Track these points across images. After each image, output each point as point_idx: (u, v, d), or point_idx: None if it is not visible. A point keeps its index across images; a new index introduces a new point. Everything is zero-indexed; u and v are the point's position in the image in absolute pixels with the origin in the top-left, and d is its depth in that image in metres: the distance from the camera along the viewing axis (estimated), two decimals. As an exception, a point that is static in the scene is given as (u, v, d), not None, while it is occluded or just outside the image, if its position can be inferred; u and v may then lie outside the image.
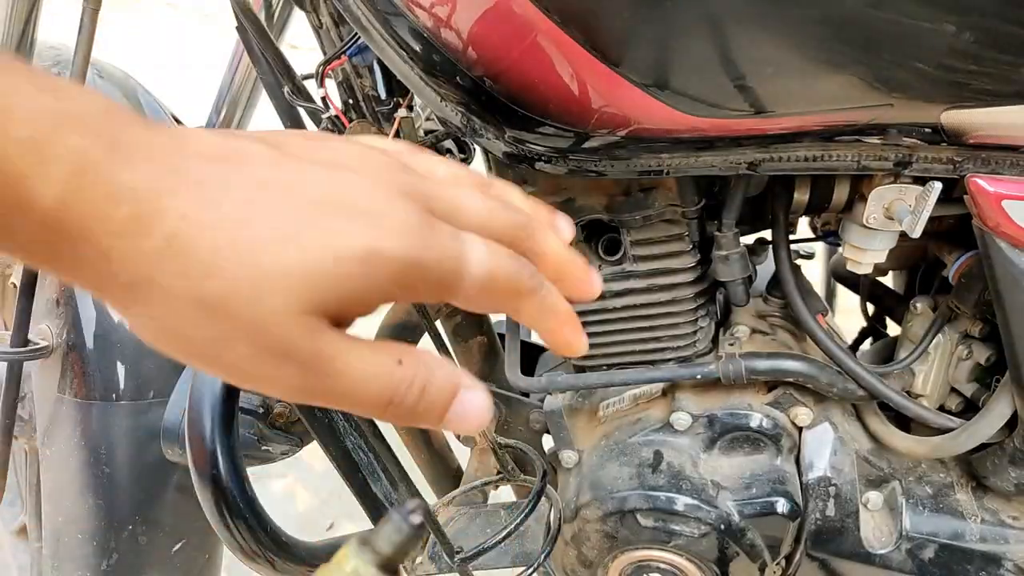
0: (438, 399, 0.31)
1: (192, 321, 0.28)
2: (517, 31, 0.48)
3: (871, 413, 0.71)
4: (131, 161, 0.26)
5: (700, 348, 0.71)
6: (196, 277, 0.27)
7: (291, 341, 0.28)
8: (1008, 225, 0.50)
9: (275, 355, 0.28)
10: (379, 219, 0.29)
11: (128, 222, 0.26)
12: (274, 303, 0.27)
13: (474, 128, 0.54)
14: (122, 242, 0.26)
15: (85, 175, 0.25)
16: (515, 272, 0.32)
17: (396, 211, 0.30)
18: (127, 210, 0.26)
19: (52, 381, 0.82)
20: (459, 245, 0.31)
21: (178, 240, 0.26)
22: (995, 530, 0.66)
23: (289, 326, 0.28)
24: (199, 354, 0.30)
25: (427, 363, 0.31)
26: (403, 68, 0.53)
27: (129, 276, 0.27)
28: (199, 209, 0.27)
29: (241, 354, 0.28)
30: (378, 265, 0.29)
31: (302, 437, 0.76)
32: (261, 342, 0.28)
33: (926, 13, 0.40)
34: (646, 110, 0.50)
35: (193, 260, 0.27)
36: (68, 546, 0.82)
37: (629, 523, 0.69)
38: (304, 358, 0.28)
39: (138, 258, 0.26)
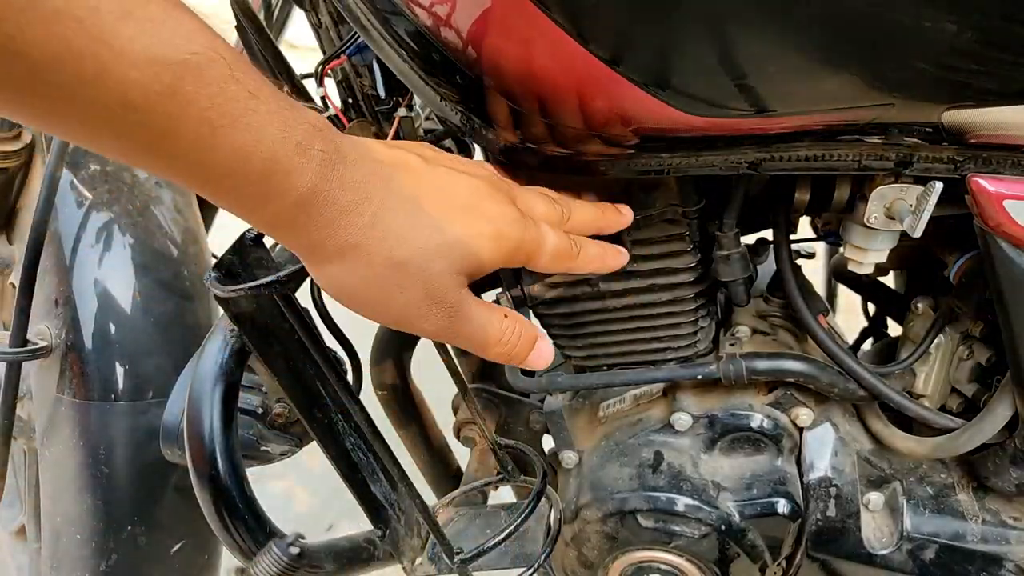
0: (526, 343, 0.48)
1: (382, 275, 0.40)
2: (516, 31, 0.48)
3: (872, 414, 0.71)
4: (350, 163, 0.39)
5: (701, 348, 0.71)
6: (391, 244, 0.40)
7: (446, 292, 0.42)
8: (1009, 225, 0.50)
9: (434, 301, 0.42)
10: (499, 214, 0.45)
11: (350, 204, 0.38)
12: (440, 265, 0.41)
13: (474, 128, 0.54)
14: (345, 218, 0.38)
15: (328, 171, 0.37)
16: (567, 247, 0.50)
17: (507, 209, 0.46)
18: (350, 196, 0.38)
19: (51, 381, 0.82)
20: (540, 232, 0.48)
21: (379, 218, 0.39)
22: (996, 531, 0.66)
23: (446, 281, 0.42)
24: (376, 301, 0.42)
25: (520, 319, 0.48)
26: (402, 67, 0.53)
27: (344, 240, 0.39)
28: (392, 199, 0.40)
29: (411, 300, 0.41)
30: (501, 243, 0.44)
31: (301, 437, 0.76)
32: (427, 291, 0.42)
33: (927, 13, 0.40)
34: (646, 110, 0.49)
35: (390, 232, 0.40)
36: (67, 546, 0.82)
37: (629, 524, 0.69)
38: (452, 304, 0.43)
39: (353, 228, 0.39)
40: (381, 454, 0.57)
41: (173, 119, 0.31)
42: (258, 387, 0.74)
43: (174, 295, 0.84)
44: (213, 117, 0.32)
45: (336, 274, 0.41)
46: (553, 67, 0.49)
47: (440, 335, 0.45)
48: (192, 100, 0.31)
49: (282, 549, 0.34)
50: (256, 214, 0.38)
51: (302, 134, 0.36)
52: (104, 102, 0.30)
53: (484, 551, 0.57)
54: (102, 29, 0.29)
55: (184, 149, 0.33)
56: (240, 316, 0.48)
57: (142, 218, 0.85)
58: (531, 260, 0.48)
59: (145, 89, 0.30)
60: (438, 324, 0.43)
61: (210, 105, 0.32)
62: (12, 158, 0.86)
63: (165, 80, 0.31)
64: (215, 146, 0.33)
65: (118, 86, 0.30)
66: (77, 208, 0.83)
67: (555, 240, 0.48)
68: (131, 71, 0.30)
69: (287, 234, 0.39)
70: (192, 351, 0.79)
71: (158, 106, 0.31)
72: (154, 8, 0.30)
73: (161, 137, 0.32)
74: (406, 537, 0.60)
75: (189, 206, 0.92)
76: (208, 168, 0.34)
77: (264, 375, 0.52)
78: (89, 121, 0.31)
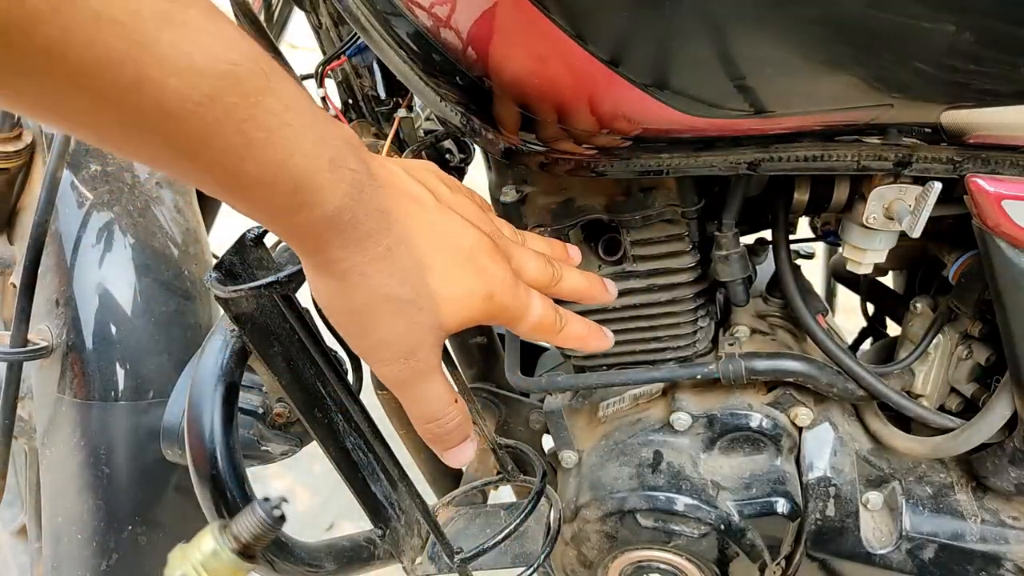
0: (456, 437, 0.47)
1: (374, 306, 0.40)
2: (516, 31, 0.48)
3: (871, 413, 0.71)
4: (378, 188, 0.39)
5: (700, 348, 0.71)
6: (395, 281, 0.40)
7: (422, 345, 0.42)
8: (1008, 225, 0.50)
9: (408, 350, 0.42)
10: (495, 276, 0.45)
11: (370, 231, 0.38)
12: (430, 317, 0.42)
13: (474, 128, 0.54)
14: (362, 243, 0.38)
15: (357, 192, 0.37)
16: (552, 322, 0.49)
17: (503, 272, 0.45)
18: (372, 223, 0.38)
19: (52, 381, 0.82)
20: (529, 300, 0.47)
21: (392, 253, 0.40)
22: (995, 530, 0.66)
23: (427, 335, 0.42)
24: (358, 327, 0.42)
25: (465, 412, 0.47)
26: (403, 68, 0.53)
27: (352, 265, 0.39)
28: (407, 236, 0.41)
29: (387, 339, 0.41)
30: (489, 304, 0.44)
31: (301, 437, 0.76)
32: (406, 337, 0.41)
33: (926, 13, 0.40)
34: (646, 110, 0.50)
35: (397, 269, 0.40)
36: (68, 546, 0.82)
37: (629, 523, 0.69)
38: (421, 360, 0.42)
39: (366, 255, 0.39)
40: (381, 454, 0.57)
41: (209, 129, 0.31)
42: (258, 387, 0.74)
43: (175, 295, 0.84)
44: (248, 129, 0.32)
45: (332, 291, 0.41)
46: (553, 68, 0.49)
47: (392, 384, 0.44)
48: (229, 111, 0.31)
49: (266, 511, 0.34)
50: (280, 224, 0.38)
51: (335, 150, 0.36)
52: (141, 108, 0.30)
53: (484, 551, 0.57)
54: (142, 34, 0.28)
55: (217, 159, 0.33)
56: (240, 316, 0.48)
57: (143, 218, 0.85)
58: (513, 324, 0.47)
59: (183, 97, 0.30)
60: (397, 373, 0.43)
61: (246, 117, 0.32)
62: (13, 158, 0.86)
63: (203, 89, 0.30)
64: (248, 157, 0.33)
65: (156, 93, 0.29)
66: (78, 208, 0.83)
67: (541, 312, 0.48)
68: (170, 78, 0.29)
69: (305, 246, 0.39)
70: (192, 351, 0.79)
71: (194, 115, 0.31)
72: (194, 14, 0.30)
73: (196, 146, 0.32)
74: (406, 536, 0.60)
75: (190, 206, 0.92)
76: (240, 178, 0.34)
77: (264, 375, 0.52)
78: (125, 127, 0.31)
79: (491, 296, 0.44)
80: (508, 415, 0.87)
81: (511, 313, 0.46)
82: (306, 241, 0.38)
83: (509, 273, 0.46)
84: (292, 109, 0.34)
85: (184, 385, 0.67)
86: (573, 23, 0.45)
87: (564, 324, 0.50)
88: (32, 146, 0.88)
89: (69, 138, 0.76)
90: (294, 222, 0.37)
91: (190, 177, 0.35)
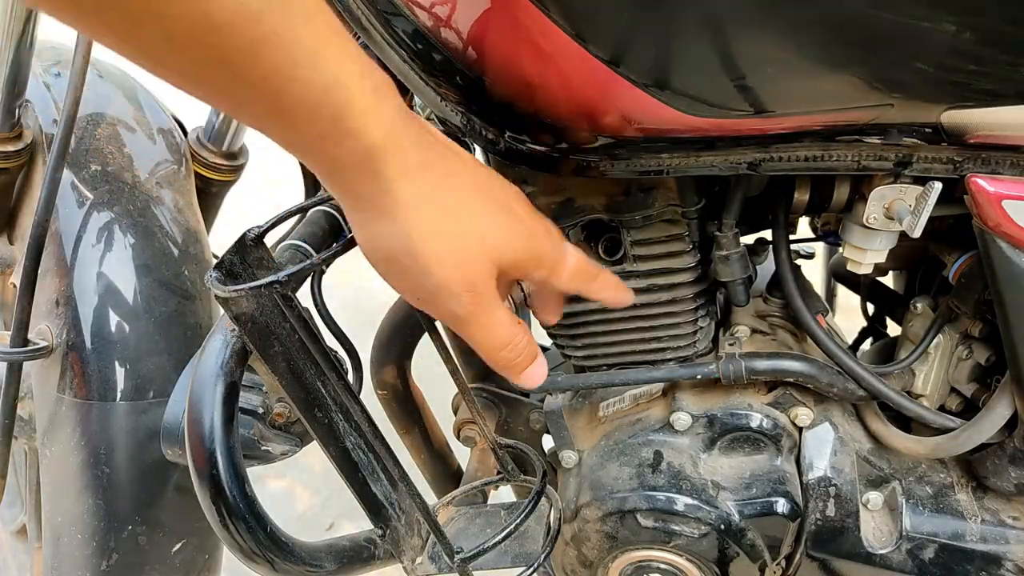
0: (527, 358, 0.48)
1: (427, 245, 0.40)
2: (516, 31, 0.48)
3: (871, 413, 0.71)
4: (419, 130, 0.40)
5: (700, 348, 0.71)
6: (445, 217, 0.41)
7: (479, 278, 0.43)
8: (1008, 225, 0.50)
9: (467, 285, 0.42)
10: (533, 222, 0.47)
11: (421, 163, 0.39)
12: (481, 250, 0.43)
13: (474, 128, 0.54)
14: (410, 175, 0.38)
15: (403, 122, 0.38)
16: (588, 267, 0.51)
17: (539, 219, 0.48)
18: (422, 155, 0.39)
19: (52, 381, 0.82)
20: (565, 248, 0.49)
21: (441, 187, 0.40)
22: (995, 530, 0.66)
23: (483, 268, 0.43)
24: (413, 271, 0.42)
25: (530, 334, 0.49)
26: (403, 68, 0.53)
27: (404, 199, 0.39)
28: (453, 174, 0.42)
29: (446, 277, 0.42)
30: (532, 244, 0.46)
31: (302, 437, 0.76)
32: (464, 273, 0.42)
33: (926, 13, 0.40)
34: (646, 110, 0.50)
35: (448, 205, 0.41)
36: (68, 546, 0.82)
37: (629, 523, 0.69)
38: (481, 293, 0.43)
39: (416, 189, 0.39)
40: (381, 454, 0.57)
41: (256, 44, 0.31)
42: (258, 387, 0.74)
43: (175, 295, 0.84)
44: (295, 49, 0.32)
45: (382, 234, 0.41)
46: (553, 68, 0.49)
47: (458, 323, 0.45)
48: (277, 28, 0.31)
49: None
50: (323, 154, 0.37)
51: (378, 80, 0.36)
52: (189, 19, 0.30)
53: (484, 550, 0.57)
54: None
55: (262, 77, 0.32)
56: (240, 316, 0.48)
57: (143, 218, 0.85)
58: (554, 273, 0.49)
59: (232, 11, 0.30)
60: (461, 310, 0.43)
61: (294, 37, 0.32)
62: (13, 158, 0.86)
63: (252, 5, 0.30)
64: (295, 77, 0.33)
65: (205, 4, 0.29)
66: (78, 208, 0.83)
67: (577, 258, 0.50)
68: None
69: (349, 179, 0.39)
70: (193, 351, 0.79)
71: (244, 30, 0.31)
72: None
73: (241, 63, 0.32)
74: (406, 536, 0.60)
75: (189, 206, 0.92)
76: (284, 99, 0.33)
77: (264, 375, 0.52)
78: (171, 39, 0.31)
79: (533, 236, 0.46)
80: (508, 415, 0.87)
81: (552, 259, 0.48)
82: (351, 175, 0.38)
83: (545, 223, 0.48)
84: (339, 35, 0.34)
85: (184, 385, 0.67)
86: (573, 23, 0.45)
87: (599, 271, 0.52)
88: (32, 146, 0.88)
89: (69, 138, 0.76)
90: (341, 152, 0.37)
91: (235, 98, 0.35)
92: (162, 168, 0.90)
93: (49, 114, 0.89)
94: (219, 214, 1.11)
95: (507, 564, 0.62)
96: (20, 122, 0.85)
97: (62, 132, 0.75)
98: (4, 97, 0.81)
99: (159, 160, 0.91)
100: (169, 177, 0.90)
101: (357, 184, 0.39)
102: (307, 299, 0.53)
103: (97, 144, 0.87)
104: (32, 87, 0.85)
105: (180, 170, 0.92)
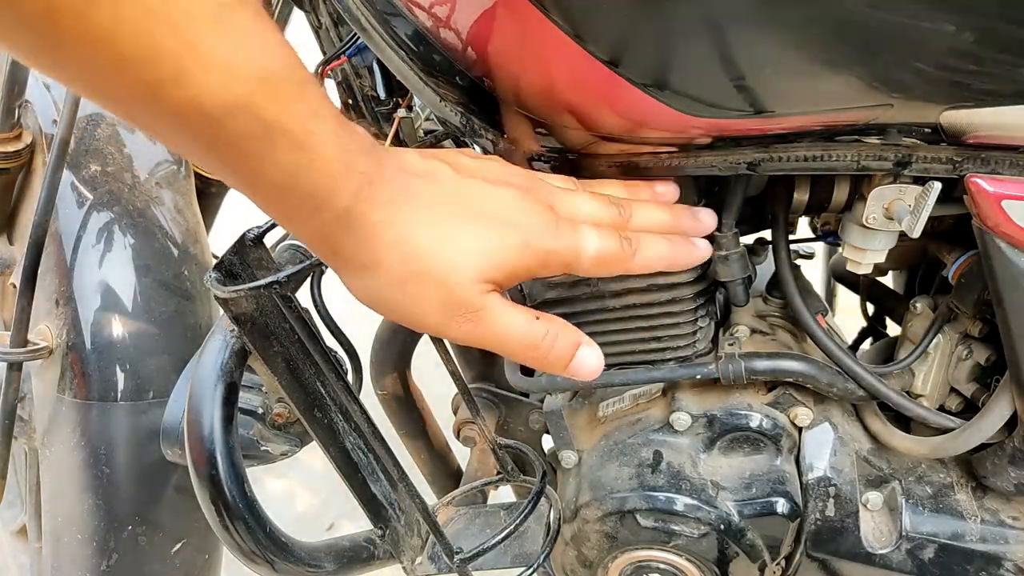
0: (565, 350, 0.46)
1: (403, 287, 0.42)
2: (516, 31, 0.48)
3: (871, 413, 0.71)
4: (385, 181, 0.40)
5: (700, 348, 0.71)
6: (410, 260, 0.41)
7: (465, 299, 0.42)
8: (1008, 225, 0.50)
9: (455, 309, 0.42)
10: (528, 223, 0.44)
11: (378, 223, 0.40)
12: (458, 276, 0.42)
13: (473, 128, 0.54)
14: (372, 236, 0.40)
15: (367, 190, 0.39)
16: (616, 249, 0.47)
17: (537, 216, 0.45)
18: (379, 215, 0.40)
19: (52, 381, 0.82)
20: (577, 236, 0.46)
21: (402, 237, 0.41)
22: (995, 530, 0.66)
23: (466, 290, 0.42)
24: (404, 309, 0.43)
25: (557, 323, 0.46)
26: (402, 68, 0.53)
27: (370, 257, 0.41)
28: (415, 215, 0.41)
29: (431, 309, 0.42)
30: (527, 252, 0.44)
31: (301, 437, 0.76)
32: (445, 300, 0.42)
33: (926, 13, 0.40)
34: (645, 110, 0.50)
35: (410, 248, 0.41)
36: (68, 546, 0.82)
37: (629, 523, 0.69)
38: (474, 309, 0.43)
39: (379, 246, 0.40)
40: (381, 454, 0.57)
41: (238, 129, 0.32)
42: (258, 387, 0.74)
43: (175, 295, 0.84)
44: (276, 133, 0.34)
45: (365, 285, 0.43)
46: (552, 68, 0.49)
47: (469, 340, 0.45)
48: (260, 115, 0.32)
49: None
50: (298, 226, 0.40)
51: (351, 155, 0.38)
52: (178, 103, 0.31)
53: (484, 551, 0.57)
54: (190, 32, 0.29)
55: (243, 158, 0.34)
56: (240, 316, 0.48)
57: (143, 219, 0.85)
58: (571, 267, 0.46)
59: (218, 98, 0.31)
60: (463, 329, 0.44)
61: (275, 121, 0.33)
62: (13, 158, 0.87)
63: (238, 91, 0.31)
64: (274, 160, 0.34)
65: (194, 90, 0.30)
66: (78, 208, 0.83)
67: (598, 244, 0.46)
68: (209, 77, 0.30)
69: (325, 246, 0.41)
70: (193, 351, 0.79)
71: (227, 115, 0.32)
72: (241, 18, 0.31)
73: (224, 144, 0.33)
74: (406, 537, 0.60)
75: (189, 206, 0.92)
76: (262, 179, 0.35)
77: (264, 375, 0.52)
78: (159, 117, 0.32)
79: (527, 244, 0.44)
80: (508, 415, 0.87)
81: (561, 255, 0.45)
82: (324, 242, 0.40)
83: (547, 218, 0.45)
84: (318, 117, 0.35)
85: (184, 385, 0.67)
86: (573, 23, 0.45)
87: (636, 248, 0.48)
88: (32, 146, 0.88)
89: (69, 138, 0.76)
90: (313, 225, 0.39)
91: (214, 170, 0.36)
92: (162, 168, 0.90)
93: (49, 114, 0.89)
94: (219, 214, 1.12)
95: (507, 564, 0.62)
96: (20, 122, 0.85)
97: (62, 132, 0.75)
98: (4, 97, 0.81)
99: (159, 160, 0.91)
100: (169, 177, 0.90)
101: (331, 249, 0.41)
102: (307, 299, 0.53)
103: (97, 144, 0.87)
104: (32, 87, 0.85)
105: (180, 170, 0.92)
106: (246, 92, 0.32)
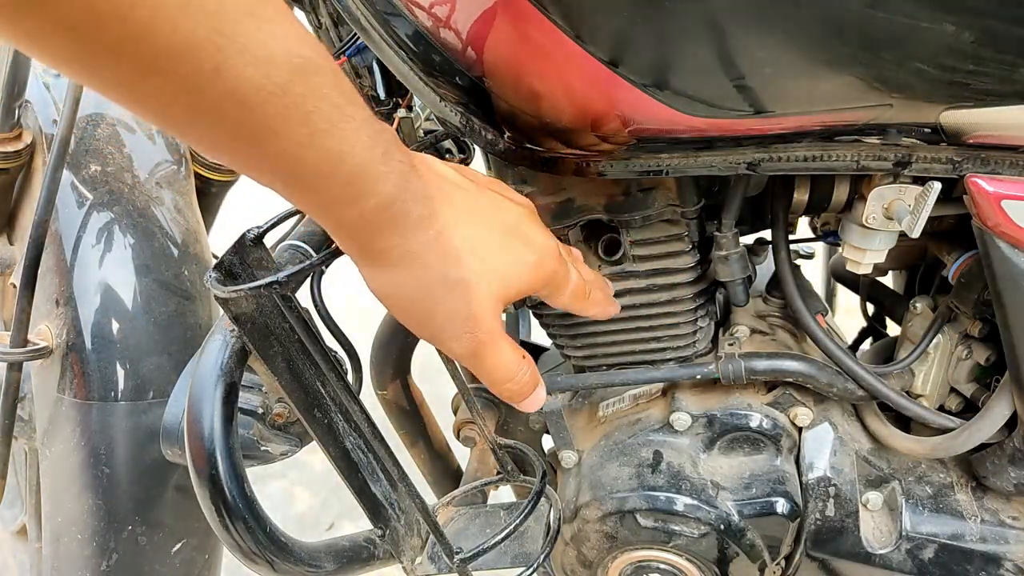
0: (528, 388, 0.49)
1: (432, 289, 0.42)
2: (516, 31, 0.48)
3: (871, 413, 0.71)
4: (422, 176, 0.41)
5: (700, 348, 0.71)
6: (448, 262, 0.42)
7: (485, 317, 0.44)
8: (1007, 225, 0.50)
9: (473, 324, 0.44)
10: (542, 244, 0.47)
11: (421, 217, 0.40)
12: (485, 290, 0.43)
13: (473, 128, 0.54)
14: (414, 229, 0.40)
15: (405, 182, 0.39)
16: (583, 288, 0.52)
17: (548, 241, 0.48)
18: (422, 209, 0.40)
19: (52, 381, 0.82)
20: (569, 268, 0.51)
21: (443, 235, 0.42)
22: (995, 530, 0.66)
23: (487, 306, 0.44)
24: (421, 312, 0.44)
25: (532, 364, 0.49)
26: (402, 68, 0.53)
27: (407, 250, 0.41)
28: (455, 218, 0.42)
29: (452, 318, 0.43)
30: (539, 272, 0.47)
31: (301, 437, 0.76)
32: (468, 313, 0.43)
33: (926, 13, 0.40)
34: (645, 110, 0.50)
35: (450, 250, 0.42)
36: (68, 546, 0.82)
37: (629, 523, 0.69)
38: (487, 331, 0.44)
39: (418, 241, 0.41)
40: (381, 454, 0.57)
41: (278, 118, 0.33)
42: (258, 387, 0.74)
43: (175, 295, 0.84)
44: (315, 120, 0.34)
45: (390, 281, 0.43)
46: (552, 68, 0.49)
47: (465, 358, 0.46)
48: (298, 103, 0.33)
49: None
50: (337, 216, 0.39)
51: (386, 144, 0.38)
52: (217, 95, 0.31)
53: (484, 551, 0.57)
54: (227, 24, 0.30)
55: (283, 148, 0.34)
56: (240, 316, 0.48)
57: (143, 219, 0.85)
58: (554, 293, 0.50)
59: (257, 87, 0.31)
60: (468, 347, 0.45)
61: (313, 109, 0.33)
62: (13, 158, 0.86)
63: (277, 80, 0.32)
64: (312, 146, 0.34)
65: (233, 81, 0.30)
66: (78, 208, 0.83)
67: (577, 279, 0.51)
68: (247, 68, 0.31)
69: (361, 236, 0.41)
70: (193, 351, 0.79)
71: (267, 105, 0.32)
72: (271, 10, 0.31)
73: (264, 134, 0.33)
74: (406, 537, 0.60)
75: (189, 206, 0.92)
76: (302, 167, 0.35)
77: (264, 375, 0.52)
78: (196, 112, 0.32)
79: (541, 263, 0.47)
80: (508, 415, 0.87)
81: (557, 279, 0.49)
82: (360, 233, 0.40)
83: (554, 242, 0.49)
84: (352, 104, 0.36)
85: (184, 385, 0.67)
86: (572, 23, 0.45)
87: (590, 290, 0.54)
88: (32, 146, 0.88)
89: (69, 138, 0.76)
90: (348, 215, 0.39)
91: (251, 165, 0.36)
92: (162, 168, 0.90)
93: (49, 114, 0.89)
94: (219, 214, 1.11)
95: (507, 564, 0.62)
96: (20, 122, 0.85)
97: (62, 132, 0.75)
98: (4, 97, 0.81)
99: (159, 160, 0.91)
100: (169, 177, 0.90)
101: (368, 240, 0.41)
102: (307, 299, 0.53)
103: (97, 144, 0.87)
104: (32, 87, 0.85)
105: (180, 170, 0.92)
106: (284, 80, 0.32)
